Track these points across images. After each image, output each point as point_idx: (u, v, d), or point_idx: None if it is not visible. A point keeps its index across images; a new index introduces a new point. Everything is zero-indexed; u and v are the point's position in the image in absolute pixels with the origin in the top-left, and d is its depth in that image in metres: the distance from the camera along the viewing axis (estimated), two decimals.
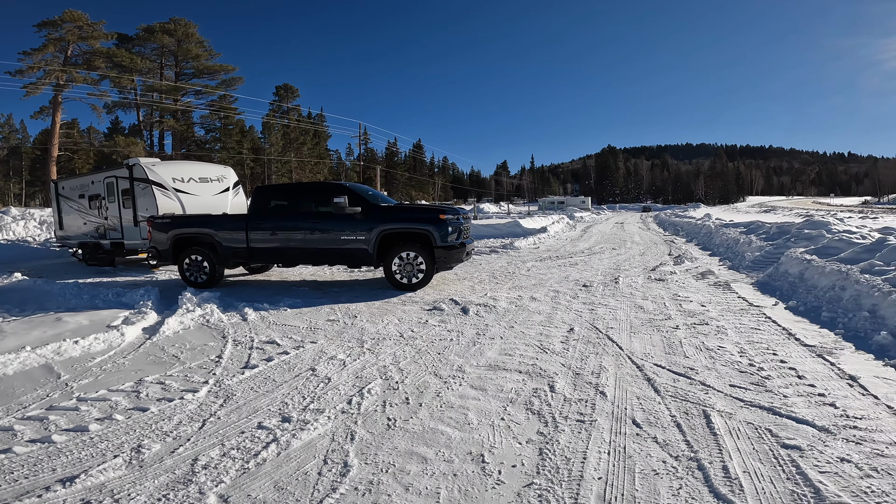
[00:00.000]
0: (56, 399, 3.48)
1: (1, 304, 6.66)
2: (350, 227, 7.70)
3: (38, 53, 41.63)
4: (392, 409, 3.28)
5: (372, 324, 5.65)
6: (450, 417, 3.15)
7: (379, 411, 3.26)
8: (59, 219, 13.49)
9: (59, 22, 42.00)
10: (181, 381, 3.84)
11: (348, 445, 2.79)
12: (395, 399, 3.45)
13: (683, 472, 2.47)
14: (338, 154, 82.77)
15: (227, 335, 5.19)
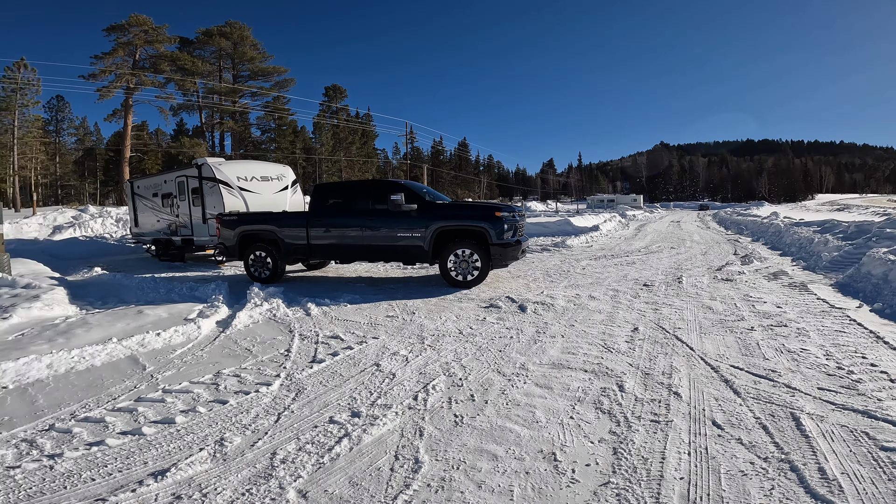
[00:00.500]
0: (143, 390, 3.64)
1: (84, 297, 7.16)
2: (406, 224, 7.80)
3: (109, 57, 44.41)
4: (458, 406, 3.29)
5: (430, 320, 5.71)
6: (517, 415, 3.13)
7: (445, 408, 3.27)
8: (134, 216, 14.42)
9: (127, 26, 44.66)
10: (255, 375, 3.99)
11: (418, 441, 2.82)
12: (460, 396, 3.47)
13: (775, 473, 2.40)
14: (384, 153, 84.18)
15: (294, 329, 5.38)
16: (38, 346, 4.37)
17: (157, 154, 54.03)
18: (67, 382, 3.73)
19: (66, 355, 4.08)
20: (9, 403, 3.32)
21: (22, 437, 2.84)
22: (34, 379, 3.73)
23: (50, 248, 14.07)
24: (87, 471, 2.49)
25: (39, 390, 3.55)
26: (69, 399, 3.42)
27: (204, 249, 12.50)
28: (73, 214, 18.61)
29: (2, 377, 3.63)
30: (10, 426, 3.00)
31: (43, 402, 3.37)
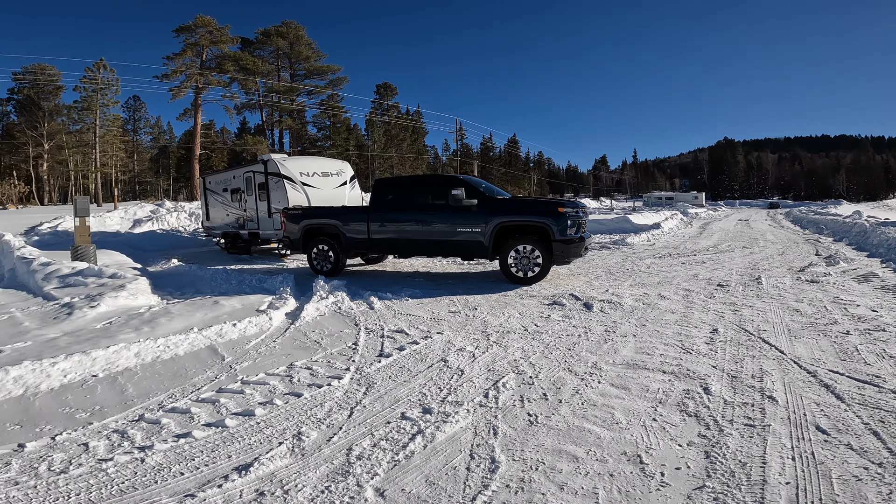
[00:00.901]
0: (223, 381, 3.74)
1: (164, 287, 7.61)
2: (466, 219, 7.75)
3: (179, 58, 46.97)
4: (531, 405, 3.22)
5: (493, 316, 5.65)
6: (594, 416, 3.04)
7: (517, 406, 3.21)
8: (206, 210, 15.23)
9: (193, 27, 47.02)
10: (326, 368, 4.05)
11: (492, 440, 2.77)
12: (531, 394, 3.40)
13: (892, 478, 2.25)
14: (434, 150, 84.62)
15: (359, 323, 5.46)
16: (125, 334, 4.64)
17: (223, 151, 56.95)
18: (154, 371, 3.92)
19: (152, 344, 4.31)
20: (99, 392, 3.48)
21: (113, 428, 2.92)
22: (123, 367, 3.94)
23: (131, 240, 15.14)
24: (176, 464, 2.54)
25: (128, 379, 3.74)
26: (156, 388, 3.58)
27: (269, 243, 13.01)
28: (151, 209, 19.97)
29: (92, 365, 3.85)
30: (102, 416, 3.10)
31: (132, 391, 3.52)
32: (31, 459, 2.49)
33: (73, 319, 5.22)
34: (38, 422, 2.96)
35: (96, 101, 48.26)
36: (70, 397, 3.34)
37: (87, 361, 3.83)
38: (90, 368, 3.79)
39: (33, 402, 3.25)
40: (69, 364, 3.71)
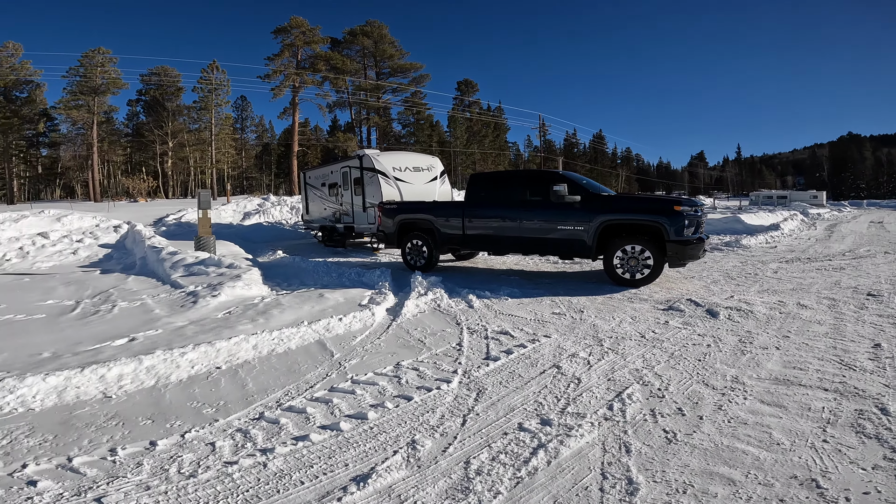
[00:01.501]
0: (334, 379, 3.72)
1: (273, 278, 7.98)
2: (567, 216, 7.36)
3: (278, 58, 50.17)
4: (665, 421, 2.95)
5: (603, 320, 5.28)
6: (747, 435, 2.75)
7: (649, 421, 2.95)
8: (306, 204, 16.03)
9: (289, 28, 49.92)
10: (433, 369, 3.94)
11: (625, 458, 2.55)
12: (664, 409, 3.10)
13: None
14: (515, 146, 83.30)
15: (461, 322, 5.31)
16: (243, 325, 4.85)
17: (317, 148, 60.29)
18: (269, 365, 4.02)
19: (267, 337, 4.46)
20: (223, 386, 3.58)
21: (237, 427, 2.93)
22: (243, 360, 4.08)
23: (241, 232, 16.36)
24: (297, 471, 2.49)
25: (248, 373, 3.85)
26: (273, 384, 3.63)
27: (362, 237, 13.39)
28: (259, 203, 21.55)
29: (216, 357, 4.02)
30: (226, 412, 3.14)
31: (252, 386, 3.59)
32: (161, 460, 2.54)
33: (197, 308, 5.59)
34: (169, 416, 3.06)
35: (211, 101, 53.04)
36: (197, 390, 3.47)
37: (212, 353, 4.01)
38: (214, 360, 3.96)
39: (164, 394, 3.40)
40: (196, 355, 3.90)
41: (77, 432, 2.77)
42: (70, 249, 10.70)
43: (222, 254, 9.70)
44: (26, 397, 3.02)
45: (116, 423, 2.90)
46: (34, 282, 8.01)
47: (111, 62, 50.40)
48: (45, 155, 56.52)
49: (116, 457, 2.52)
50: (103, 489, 2.26)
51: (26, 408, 2.99)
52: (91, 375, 3.33)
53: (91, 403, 3.14)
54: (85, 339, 4.33)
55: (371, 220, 12.41)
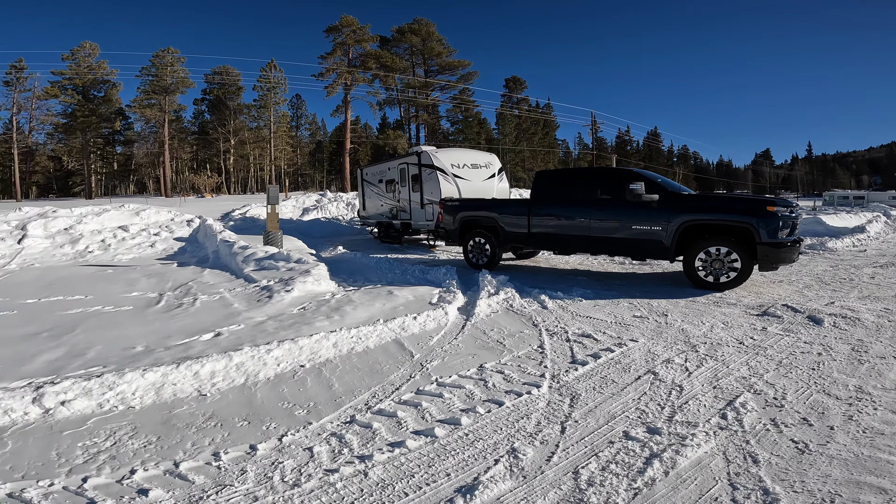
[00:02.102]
0: (419, 381, 3.61)
1: (338, 273, 8.01)
2: (643, 215, 6.98)
3: (331, 57, 51.20)
4: (791, 431, 2.79)
5: (691, 325, 4.96)
6: (888, 445, 2.61)
7: (772, 431, 2.79)
8: (362, 201, 16.22)
9: (340, 27, 50.78)
10: (518, 373, 3.79)
11: (755, 469, 2.42)
12: (785, 419, 2.93)
13: None
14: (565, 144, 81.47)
15: (538, 324, 5.11)
16: (319, 321, 4.85)
17: (367, 146, 61.35)
18: (351, 365, 3.97)
19: (346, 335, 4.42)
20: (309, 386, 3.53)
21: (330, 431, 2.86)
22: (324, 358, 4.05)
23: (301, 227, 16.80)
24: (398, 481, 2.39)
25: (331, 372, 3.80)
26: (359, 385, 3.56)
27: (419, 233, 13.38)
28: (316, 198, 22.11)
29: (299, 354, 4.01)
30: (318, 415, 3.07)
31: (338, 386, 3.54)
32: (264, 466, 2.48)
33: (273, 303, 5.67)
34: (263, 418, 3.03)
35: (270, 100, 54.95)
36: (286, 390, 3.44)
37: (296, 350, 4.00)
38: (298, 358, 3.95)
39: (254, 392, 3.38)
40: (281, 352, 3.91)
41: (179, 434, 2.77)
42: (148, 242, 11.28)
43: (288, 249, 9.90)
44: (126, 394, 3.08)
45: (215, 423, 2.89)
46: (117, 273, 8.46)
47: (179, 62, 53.08)
48: (120, 152, 60.39)
49: (220, 462, 2.49)
50: (213, 499, 2.22)
51: (126, 405, 3.04)
52: (186, 372, 3.38)
53: (188, 402, 3.17)
54: (174, 333, 4.44)
55: (429, 217, 12.37)
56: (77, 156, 56.33)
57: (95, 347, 3.99)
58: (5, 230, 11.59)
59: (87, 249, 10.73)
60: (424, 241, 14.55)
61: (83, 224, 11.71)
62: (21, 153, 51.61)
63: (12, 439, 2.66)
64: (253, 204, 22.36)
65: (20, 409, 2.78)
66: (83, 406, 2.89)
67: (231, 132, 55.14)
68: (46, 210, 12.56)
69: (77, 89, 51.29)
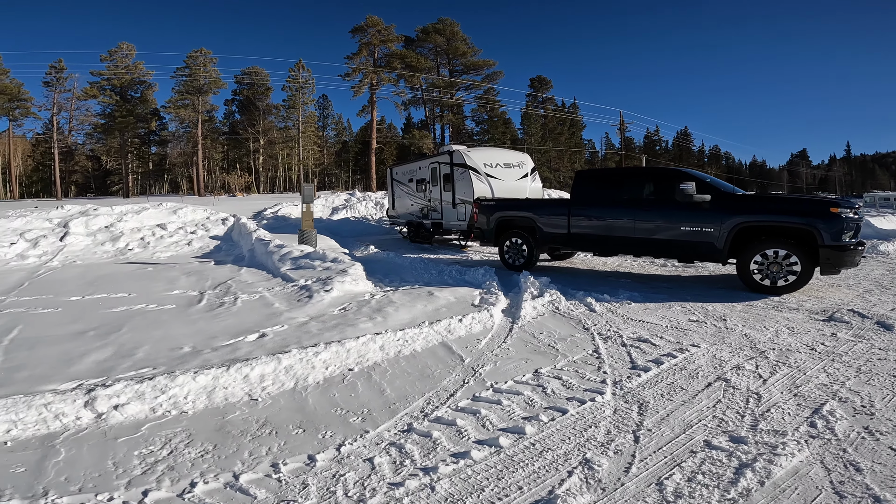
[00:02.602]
0: (474, 387, 3.45)
1: (374, 273, 7.87)
2: (694, 216, 6.69)
3: (357, 57, 51.46)
4: (888, 438, 2.66)
5: (755, 330, 4.71)
6: None
7: (869, 439, 2.65)
8: (392, 200, 16.14)
9: (365, 27, 50.98)
10: (577, 379, 3.61)
11: (859, 477, 2.31)
12: (880, 426, 2.79)
13: None
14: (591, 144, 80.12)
15: (588, 327, 4.90)
16: (363, 323, 4.73)
17: (392, 146, 61.53)
18: (400, 369, 3.82)
19: (392, 337, 4.29)
20: (361, 391, 3.39)
21: (389, 440, 2.72)
22: (372, 362, 3.91)
23: (330, 226, 16.84)
24: (469, 496, 2.22)
25: (381, 376, 3.66)
26: (411, 391, 3.42)
27: (450, 233, 13.22)
28: (345, 198, 22.15)
29: (347, 357, 3.88)
30: (374, 423, 2.93)
31: (390, 392, 3.39)
32: (325, 480, 2.34)
33: (313, 303, 5.59)
34: (318, 425, 2.89)
35: (298, 100, 55.59)
36: (336, 395, 3.31)
37: (343, 353, 3.89)
38: (345, 361, 3.83)
39: (305, 397, 3.26)
40: (328, 355, 3.79)
41: (235, 442, 2.65)
42: (185, 240, 11.43)
43: (322, 248, 9.87)
44: (178, 398, 2.99)
45: (269, 431, 2.77)
46: (156, 271, 8.55)
47: (212, 62, 54.11)
48: (154, 152, 62.05)
49: (280, 474, 2.36)
50: None
51: (179, 410, 2.94)
52: (236, 375, 3.29)
53: (240, 407, 3.06)
54: (219, 333, 4.39)
55: (461, 217, 12.20)
56: (115, 155, 58.04)
57: (143, 347, 3.95)
58: (47, 227, 11.91)
59: (126, 247, 10.93)
60: (454, 241, 14.40)
61: (123, 222, 11.95)
62: (61, 153, 53.40)
63: (66, 447, 2.56)
64: (284, 203, 22.56)
65: (72, 413, 2.71)
66: (136, 411, 2.81)
67: (260, 132, 56.03)
68: (88, 208, 12.87)
69: (115, 90, 52.70)
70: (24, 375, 3.33)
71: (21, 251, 10.45)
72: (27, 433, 2.58)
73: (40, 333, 4.56)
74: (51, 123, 53.47)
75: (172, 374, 3.16)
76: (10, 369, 3.50)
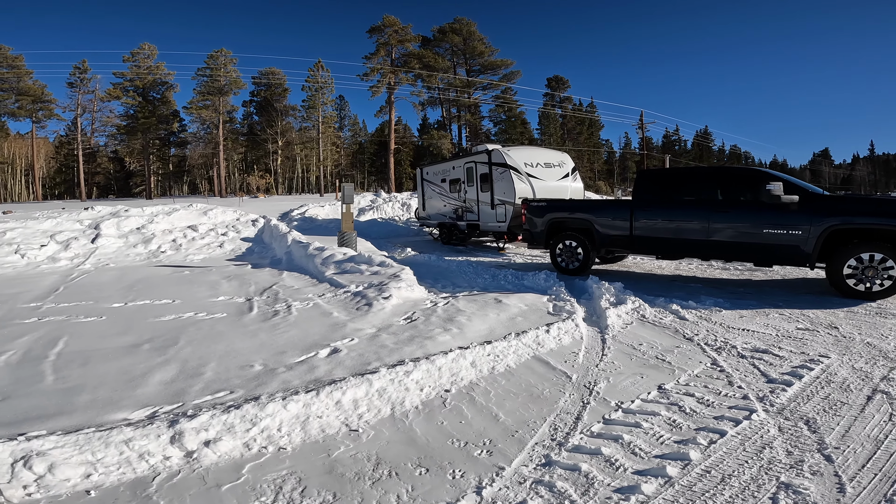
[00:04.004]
0: (598, 408, 3.00)
1: (422, 278, 7.16)
2: (778, 218, 6.17)
3: (375, 57, 51.14)
4: None
5: (875, 339, 4.27)
6: None
7: None
8: (422, 201, 15.67)
9: (382, 27, 50.63)
10: (712, 395, 3.17)
11: None
12: None
13: None
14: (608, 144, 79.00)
15: (691, 337, 4.42)
16: (440, 335, 4.27)
17: (409, 146, 61.24)
18: (502, 388, 3.36)
19: (481, 352, 3.83)
20: (470, 417, 2.92)
21: (532, 478, 2.28)
22: (467, 381, 3.46)
23: (359, 228, 16.35)
24: None
25: (484, 398, 3.21)
26: (527, 414, 2.96)
27: (488, 235, 12.75)
28: (371, 199, 21.77)
29: (439, 377, 3.42)
30: (504, 456, 2.47)
31: (504, 417, 2.92)
32: None
33: (374, 311, 5.15)
34: (440, 462, 2.43)
35: (318, 100, 55.41)
36: (445, 422, 2.85)
37: (434, 371, 3.44)
38: (438, 380, 3.38)
39: (410, 426, 2.80)
40: (420, 374, 3.34)
41: (355, 489, 2.18)
42: (217, 242, 11.11)
43: (362, 251, 9.47)
44: (271, 430, 2.55)
45: (387, 472, 2.31)
46: (193, 275, 8.20)
47: (232, 62, 54.12)
48: (174, 154, 62.38)
49: None
50: None
51: (276, 446, 2.49)
52: (327, 401, 2.85)
53: (341, 440, 2.60)
54: (286, 348, 3.96)
55: (500, 218, 11.72)
56: (137, 157, 58.39)
57: (209, 365, 3.54)
58: (78, 229, 11.68)
59: (159, 249, 10.63)
60: (489, 242, 13.93)
61: (154, 224, 11.67)
62: (84, 154, 53.87)
63: (163, 497, 2.11)
64: (309, 204, 22.30)
65: (158, 451, 2.28)
66: (229, 448, 2.37)
67: (278, 133, 56.05)
68: (118, 209, 12.64)
69: (137, 91, 52.97)
70: (85, 400, 2.93)
71: (52, 253, 10.21)
72: (111, 478, 2.15)
73: (89, 346, 4.18)
74: (74, 125, 53.90)
75: (258, 400, 2.73)
76: (66, 391, 3.11)
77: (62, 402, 2.91)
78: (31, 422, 2.65)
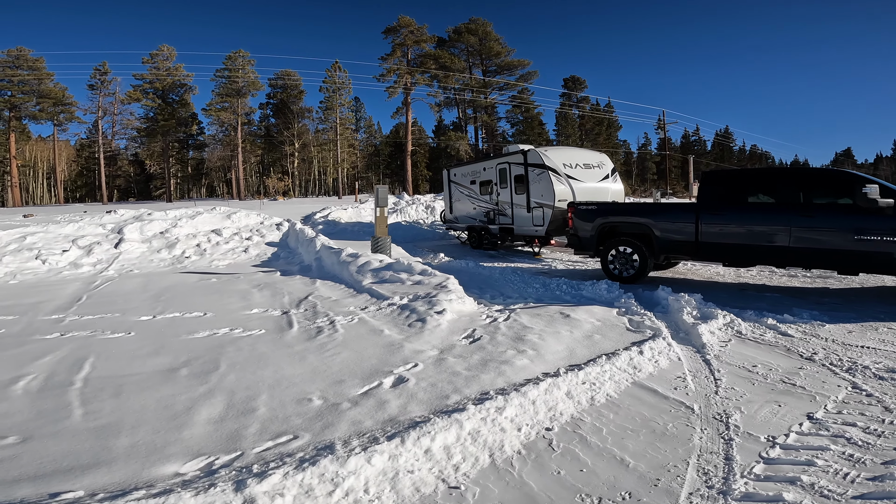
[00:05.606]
0: (747, 446, 2.49)
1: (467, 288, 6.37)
2: (873, 224, 5.54)
3: (391, 58, 50.76)
4: None
5: None
6: None
7: None
8: (449, 203, 15.10)
9: (398, 28, 50.24)
10: (876, 423, 2.72)
11: None
12: None
13: None
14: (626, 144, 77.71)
15: (809, 356, 3.87)
16: (516, 358, 3.72)
17: (425, 148, 60.75)
18: (614, 424, 2.79)
19: (574, 380, 3.27)
20: (591, 464, 2.35)
21: None
22: (568, 416, 2.87)
23: None
24: None
25: (596, 437, 2.64)
26: (659, 457, 2.39)
27: (522, 239, 12.16)
28: (394, 201, 21.27)
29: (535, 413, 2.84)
30: None
31: (631, 460, 2.37)
32: None
33: (429, 328, 4.60)
34: None
35: (336, 101, 55.14)
36: (562, 472, 2.29)
37: (528, 406, 2.88)
38: (535, 417, 2.82)
39: (521, 479, 2.23)
40: (514, 411, 2.79)
41: None
42: (241, 247, 10.68)
43: (397, 257, 8.95)
44: (357, 491, 2.01)
45: None
46: (221, 283, 7.75)
47: (250, 64, 54.02)
48: (192, 156, 62.61)
49: None
50: None
51: None
52: (415, 450, 2.30)
53: (442, 502, 2.07)
54: (343, 375, 3.43)
55: (537, 222, 11.13)
56: (157, 159, 58.69)
57: (261, 398, 3.02)
58: (101, 234, 11.35)
59: (183, 254, 10.24)
60: (521, 246, 13.33)
61: (178, 228, 11.29)
62: (105, 157, 54.25)
63: None
64: (331, 206, 21.88)
65: None
66: None
67: (295, 135, 55.98)
68: (141, 213, 12.31)
69: (157, 93, 53.16)
70: (124, 445, 2.42)
71: (74, 259, 9.87)
72: None
73: (120, 370, 3.70)
74: (95, 127, 54.27)
75: (334, 452, 2.19)
76: (100, 431, 2.61)
77: (97, 448, 2.41)
78: (62, 475, 2.17)
